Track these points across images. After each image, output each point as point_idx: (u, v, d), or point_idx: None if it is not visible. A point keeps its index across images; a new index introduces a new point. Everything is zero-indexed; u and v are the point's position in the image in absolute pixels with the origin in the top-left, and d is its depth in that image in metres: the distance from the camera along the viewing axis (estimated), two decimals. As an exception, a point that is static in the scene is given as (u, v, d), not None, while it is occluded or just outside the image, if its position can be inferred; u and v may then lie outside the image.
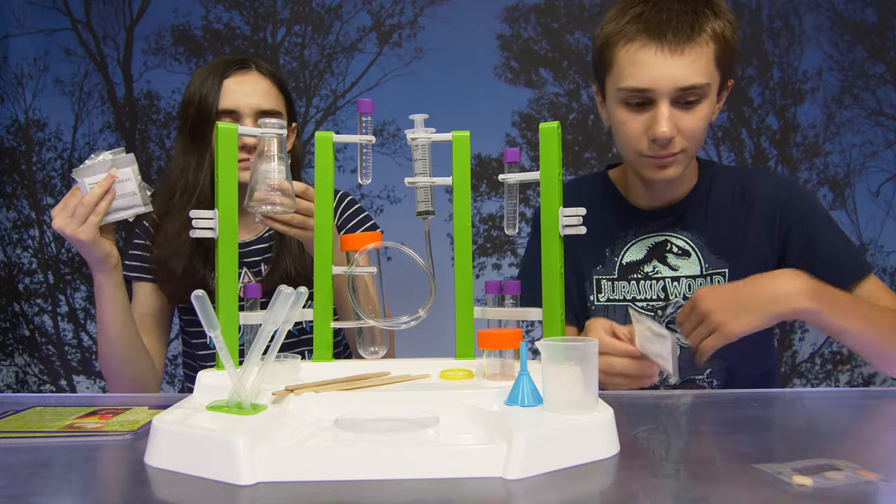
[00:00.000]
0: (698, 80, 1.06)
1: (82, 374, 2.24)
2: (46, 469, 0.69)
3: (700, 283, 1.19)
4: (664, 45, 1.05)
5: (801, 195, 1.21)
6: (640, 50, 1.07)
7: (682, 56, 1.05)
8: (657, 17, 1.06)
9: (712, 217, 1.20)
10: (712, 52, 1.07)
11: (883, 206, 2.15)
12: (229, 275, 0.88)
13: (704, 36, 1.06)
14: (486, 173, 2.17)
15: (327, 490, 0.61)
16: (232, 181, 0.88)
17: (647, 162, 1.12)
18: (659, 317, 1.21)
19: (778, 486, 0.60)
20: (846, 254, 1.16)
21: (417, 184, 0.96)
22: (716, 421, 0.88)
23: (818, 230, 1.16)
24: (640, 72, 1.07)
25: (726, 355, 1.19)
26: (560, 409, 0.72)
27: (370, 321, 0.94)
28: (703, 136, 1.12)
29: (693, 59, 1.05)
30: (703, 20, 1.07)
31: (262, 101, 1.30)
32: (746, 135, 2.18)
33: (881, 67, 2.15)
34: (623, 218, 1.24)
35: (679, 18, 1.06)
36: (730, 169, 1.29)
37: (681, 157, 1.11)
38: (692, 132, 1.09)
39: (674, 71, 1.05)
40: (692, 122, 1.08)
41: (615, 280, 1.23)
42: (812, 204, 1.20)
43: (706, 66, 1.07)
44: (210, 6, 2.21)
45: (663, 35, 1.05)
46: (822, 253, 1.15)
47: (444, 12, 2.18)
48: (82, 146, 2.23)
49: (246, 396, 0.74)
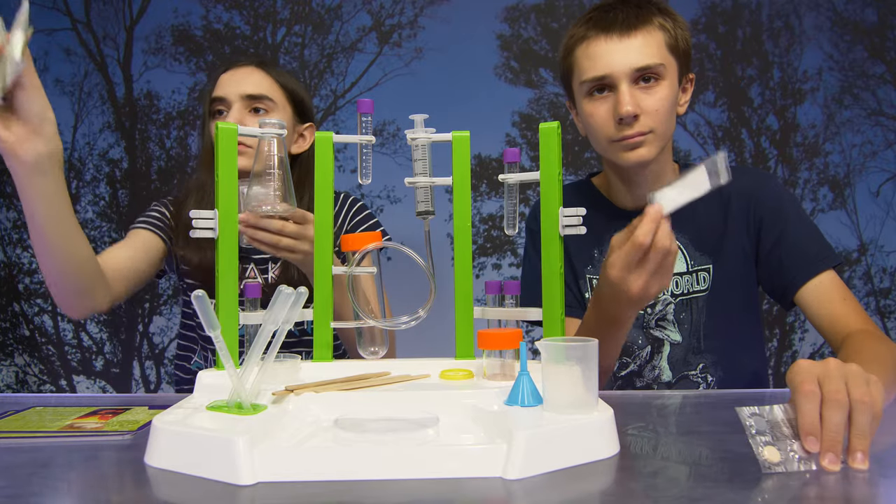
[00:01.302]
0: (651, 60, 1.12)
1: (82, 374, 2.25)
2: (46, 469, 0.69)
3: (687, 280, 1.22)
4: (613, 34, 1.13)
5: (772, 188, 1.23)
6: (593, 44, 1.15)
7: (632, 39, 1.13)
8: (605, 16, 1.15)
9: (694, 215, 1.22)
10: (662, 38, 1.14)
11: (883, 206, 2.15)
12: (229, 275, 0.88)
13: (651, 25, 1.14)
14: (486, 173, 2.17)
15: (327, 490, 0.61)
16: (232, 181, 0.89)
17: (618, 146, 1.16)
18: (649, 315, 1.23)
19: (778, 485, 0.60)
20: (814, 245, 1.18)
21: (417, 184, 0.96)
22: (715, 421, 0.88)
23: (788, 222, 1.19)
24: (595, 62, 1.14)
25: (718, 352, 1.21)
26: (560, 409, 0.72)
27: (370, 321, 0.94)
28: (668, 118, 1.15)
29: (643, 42, 1.13)
30: (647, 13, 1.15)
31: (248, 87, 1.32)
32: (746, 135, 2.18)
33: (881, 67, 2.15)
34: (608, 219, 1.26)
35: (624, 12, 1.14)
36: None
37: (650, 137, 1.14)
38: (656, 111, 1.13)
39: (626, 54, 1.12)
40: (654, 101, 1.13)
41: None
42: (783, 196, 1.22)
43: (657, 48, 1.13)
44: (210, 6, 2.21)
45: (611, 26, 1.14)
46: (792, 244, 1.18)
47: (444, 12, 2.18)
48: (82, 146, 2.23)
49: (246, 396, 0.74)
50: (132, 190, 2.24)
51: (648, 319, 1.24)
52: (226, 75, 1.36)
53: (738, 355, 1.23)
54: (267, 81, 1.35)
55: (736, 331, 1.23)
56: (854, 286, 2.15)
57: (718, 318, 1.21)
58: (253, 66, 1.37)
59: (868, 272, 2.16)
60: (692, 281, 1.22)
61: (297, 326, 1.37)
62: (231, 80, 1.34)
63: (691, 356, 1.22)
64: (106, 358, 2.24)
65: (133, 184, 2.24)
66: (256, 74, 1.35)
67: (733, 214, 1.22)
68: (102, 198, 2.24)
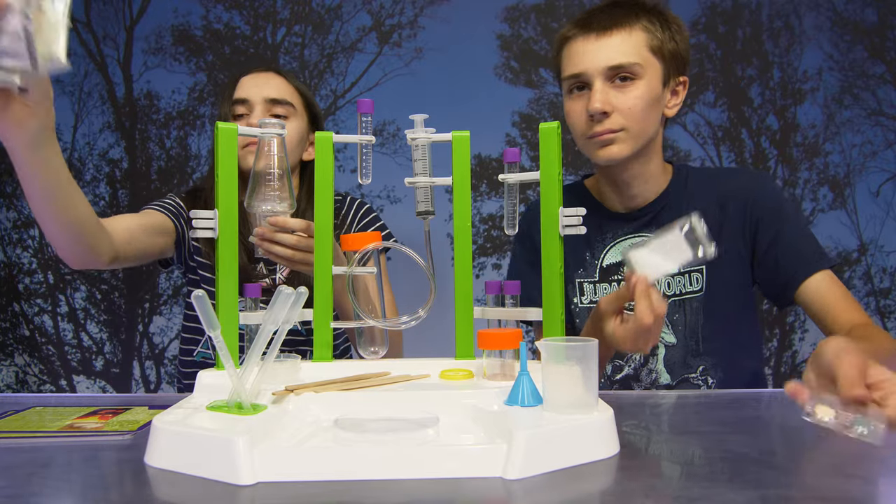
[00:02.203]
0: (626, 59, 1.13)
1: (82, 374, 2.25)
2: (46, 469, 0.69)
3: (679, 281, 1.22)
4: (591, 32, 1.15)
5: (769, 190, 1.24)
6: (573, 43, 1.18)
7: (608, 38, 1.14)
8: (589, 17, 1.18)
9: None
10: (643, 39, 1.15)
11: (883, 206, 2.15)
12: (229, 275, 0.88)
13: (632, 25, 1.15)
14: (486, 173, 2.17)
15: (327, 490, 0.61)
16: (232, 181, 0.89)
17: (591, 143, 1.18)
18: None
19: (778, 485, 0.61)
20: (809, 246, 1.19)
21: (417, 184, 0.96)
22: (715, 421, 0.88)
23: (784, 223, 1.20)
24: (573, 60, 1.17)
25: (717, 354, 1.21)
26: (560, 409, 0.72)
27: (370, 321, 0.94)
28: (644, 117, 1.16)
29: (620, 41, 1.14)
30: (630, 15, 1.16)
31: (271, 91, 1.35)
32: (746, 135, 2.17)
33: (881, 67, 2.15)
34: (600, 222, 1.27)
35: (605, 12, 1.17)
36: (704, 170, 1.34)
37: (622, 135, 1.16)
38: (629, 109, 1.14)
39: (601, 52, 1.14)
40: (627, 99, 1.14)
41: (597, 282, 1.27)
42: (779, 198, 1.24)
43: (635, 48, 1.14)
44: (210, 6, 2.21)
45: (590, 25, 1.16)
46: (787, 244, 1.19)
47: (444, 12, 2.18)
48: (82, 146, 2.23)
49: (246, 396, 0.74)
50: (132, 190, 2.24)
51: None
52: (247, 79, 1.38)
53: (738, 356, 1.23)
54: (287, 87, 1.39)
55: (734, 332, 1.23)
56: (854, 286, 2.15)
57: (716, 320, 1.21)
58: (272, 72, 1.40)
59: (868, 272, 2.16)
60: (684, 282, 1.22)
61: (304, 325, 1.38)
62: (253, 83, 1.37)
63: (691, 359, 1.22)
64: (106, 358, 2.24)
65: (133, 184, 2.24)
66: (277, 79, 1.39)
67: (729, 216, 1.22)
68: (102, 198, 2.24)
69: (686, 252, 0.87)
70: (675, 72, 1.19)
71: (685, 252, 0.87)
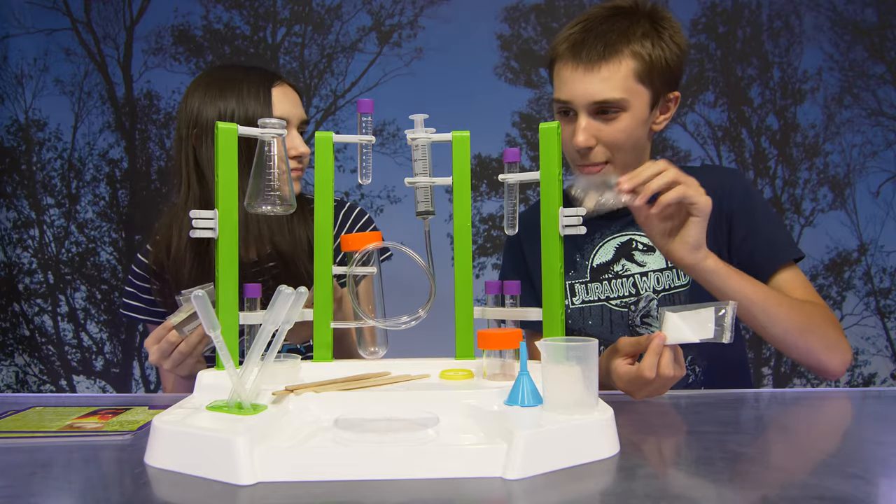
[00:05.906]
0: (611, 94, 1.14)
1: (82, 374, 2.24)
2: (46, 469, 0.69)
3: (667, 276, 1.24)
4: (579, 63, 1.15)
5: (741, 184, 1.27)
6: (563, 67, 1.18)
7: (596, 73, 1.14)
8: (580, 38, 1.16)
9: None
10: (630, 69, 1.15)
11: (883, 206, 2.15)
12: (229, 275, 0.88)
13: (621, 55, 1.14)
14: (486, 173, 2.18)
15: (327, 490, 0.61)
16: (232, 181, 0.89)
17: (579, 167, 1.20)
18: (633, 312, 1.24)
19: (779, 485, 0.60)
20: (781, 237, 1.22)
21: (417, 184, 0.96)
22: (715, 421, 0.88)
23: (757, 215, 1.22)
24: (562, 87, 1.17)
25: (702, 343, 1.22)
26: (560, 409, 0.72)
27: (370, 321, 0.94)
28: (630, 147, 1.17)
29: (607, 76, 1.14)
30: (621, 42, 1.15)
31: (302, 112, 1.32)
32: (746, 135, 2.18)
33: (881, 67, 2.15)
34: (587, 223, 1.26)
35: (596, 40, 1.15)
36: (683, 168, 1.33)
37: (608, 168, 1.18)
38: (612, 142, 1.16)
39: (588, 87, 1.14)
40: (611, 133, 1.16)
41: (588, 282, 1.28)
42: (751, 191, 1.26)
43: (621, 82, 1.14)
44: (210, 6, 2.21)
45: (579, 54, 1.15)
46: (761, 235, 1.21)
47: (444, 12, 2.18)
48: (82, 146, 2.23)
49: (246, 396, 0.74)
50: (132, 190, 2.24)
51: (633, 317, 1.25)
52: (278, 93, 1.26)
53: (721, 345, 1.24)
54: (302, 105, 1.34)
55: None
56: (854, 286, 2.15)
57: None
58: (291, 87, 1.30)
59: (868, 272, 2.16)
60: (672, 276, 1.24)
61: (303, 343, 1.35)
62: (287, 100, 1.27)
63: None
64: (106, 358, 2.24)
65: (133, 184, 2.24)
66: (298, 96, 1.32)
67: None
68: (102, 198, 2.24)
69: (710, 332, 0.92)
70: (665, 90, 1.20)
71: (709, 331, 0.92)
